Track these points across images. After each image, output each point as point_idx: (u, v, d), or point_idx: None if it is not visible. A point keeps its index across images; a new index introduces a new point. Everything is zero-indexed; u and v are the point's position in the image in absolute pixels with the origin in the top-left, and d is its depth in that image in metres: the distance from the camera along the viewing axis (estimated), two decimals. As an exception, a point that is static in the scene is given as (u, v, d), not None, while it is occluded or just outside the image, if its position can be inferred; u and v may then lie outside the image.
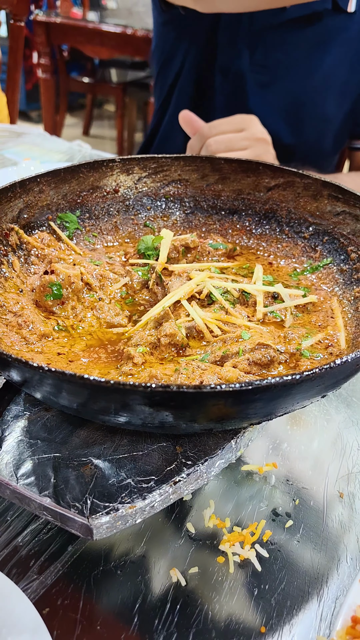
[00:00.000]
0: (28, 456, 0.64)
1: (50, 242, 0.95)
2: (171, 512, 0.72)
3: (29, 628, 0.55)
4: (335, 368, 0.55)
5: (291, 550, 0.69)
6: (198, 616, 0.61)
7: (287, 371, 0.75)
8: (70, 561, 0.66)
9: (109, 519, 0.58)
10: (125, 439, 0.67)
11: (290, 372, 0.74)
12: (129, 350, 0.74)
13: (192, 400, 0.53)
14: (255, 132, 1.37)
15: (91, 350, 0.78)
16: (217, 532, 0.70)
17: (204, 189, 1.10)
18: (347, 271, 0.91)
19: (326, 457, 0.82)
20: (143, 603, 0.62)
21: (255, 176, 1.06)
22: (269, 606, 0.63)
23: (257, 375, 0.73)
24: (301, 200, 1.01)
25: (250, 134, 1.35)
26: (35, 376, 0.56)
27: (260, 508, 0.74)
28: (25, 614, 0.56)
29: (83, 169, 1.01)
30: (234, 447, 0.68)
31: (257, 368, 0.74)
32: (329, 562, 0.68)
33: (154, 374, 0.69)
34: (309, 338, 0.79)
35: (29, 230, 0.94)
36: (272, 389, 0.53)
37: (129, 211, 1.08)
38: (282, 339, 0.79)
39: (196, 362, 0.71)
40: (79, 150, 2.00)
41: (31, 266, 0.91)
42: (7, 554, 0.66)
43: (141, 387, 0.51)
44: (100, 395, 0.54)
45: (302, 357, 0.76)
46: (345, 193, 0.93)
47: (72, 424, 0.68)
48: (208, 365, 0.70)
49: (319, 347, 0.79)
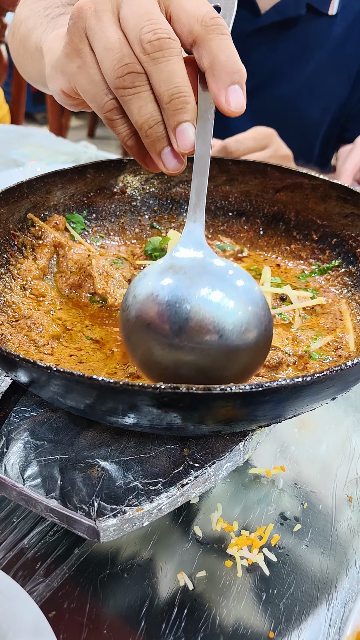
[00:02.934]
0: (34, 458, 0.64)
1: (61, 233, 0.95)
2: (178, 515, 0.71)
3: (35, 631, 0.55)
4: (346, 370, 0.55)
5: (300, 554, 0.68)
6: (206, 621, 0.60)
7: (295, 373, 0.74)
8: (76, 564, 0.65)
9: (116, 522, 0.57)
10: (132, 441, 0.66)
11: (300, 374, 0.73)
12: None
13: (201, 402, 0.52)
14: (278, 148, 1.36)
15: (104, 350, 0.77)
16: (224, 535, 0.69)
17: (211, 190, 1.09)
18: (356, 273, 0.91)
19: (334, 460, 0.81)
20: (150, 607, 0.61)
21: (263, 177, 1.05)
22: (277, 611, 0.62)
23: (265, 377, 0.73)
24: (309, 202, 1.01)
25: (274, 150, 1.35)
26: (42, 377, 0.55)
27: (268, 512, 0.73)
28: (32, 617, 0.56)
29: (90, 169, 1.01)
30: (242, 449, 0.67)
31: (266, 370, 0.73)
32: (338, 566, 0.67)
33: None
34: (317, 340, 0.78)
35: (36, 231, 0.93)
36: (282, 390, 0.52)
37: (136, 212, 1.07)
38: (291, 341, 0.78)
39: None
40: (85, 151, 2.00)
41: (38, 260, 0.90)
42: (13, 556, 0.65)
43: (150, 388, 0.50)
44: (108, 396, 0.54)
45: (311, 359, 0.75)
46: (354, 195, 0.92)
47: (78, 425, 0.68)
48: None
49: (328, 350, 0.78)
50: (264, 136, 1.35)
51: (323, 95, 1.63)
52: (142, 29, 0.58)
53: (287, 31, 1.55)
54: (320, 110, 1.65)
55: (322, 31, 1.56)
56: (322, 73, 1.60)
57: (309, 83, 1.61)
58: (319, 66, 1.59)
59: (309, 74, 1.60)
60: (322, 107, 1.65)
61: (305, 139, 1.70)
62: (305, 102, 1.63)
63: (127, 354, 0.76)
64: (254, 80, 1.61)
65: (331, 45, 1.58)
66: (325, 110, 1.65)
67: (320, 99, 1.64)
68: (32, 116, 6.21)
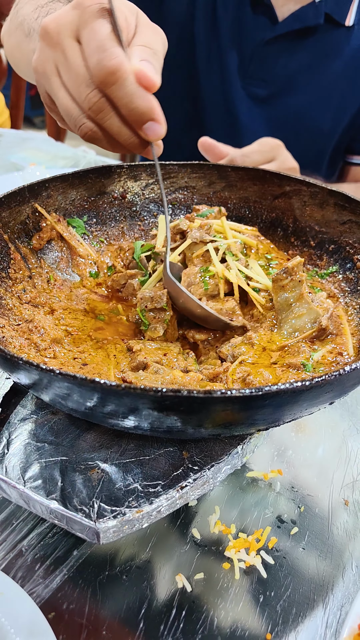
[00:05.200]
0: (35, 459, 0.64)
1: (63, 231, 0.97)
2: (176, 518, 0.72)
3: (34, 632, 0.55)
4: (344, 375, 0.56)
5: (296, 557, 0.69)
6: (204, 622, 0.61)
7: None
8: (75, 565, 0.66)
9: (116, 523, 0.58)
10: (132, 444, 0.67)
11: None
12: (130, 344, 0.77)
13: (201, 405, 0.53)
14: (285, 160, 1.36)
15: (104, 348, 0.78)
16: (222, 538, 0.70)
17: (210, 196, 1.11)
18: (353, 279, 0.92)
19: (331, 464, 0.82)
20: (149, 608, 0.62)
21: (261, 184, 1.07)
22: (274, 613, 0.63)
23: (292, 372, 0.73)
24: (307, 209, 1.02)
25: (281, 162, 1.35)
26: (44, 379, 0.56)
27: (265, 515, 0.74)
28: (32, 617, 0.56)
29: (91, 174, 1.02)
30: (240, 453, 0.68)
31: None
32: (334, 569, 0.68)
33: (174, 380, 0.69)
34: (317, 351, 0.79)
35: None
36: (281, 395, 0.53)
37: (136, 217, 1.08)
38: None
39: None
40: (84, 156, 2.01)
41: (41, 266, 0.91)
42: (13, 557, 0.65)
43: (152, 391, 0.51)
44: (110, 398, 0.54)
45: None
46: (352, 202, 0.94)
47: (79, 427, 0.68)
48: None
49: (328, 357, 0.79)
50: (271, 148, 1.35)
51: (336, 106, 1.64)
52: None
53: (305, 40, 1.57)
54: (333, 121, 1.66)
55: (339, 42, 1.58)
56: (337, 84, 1.61)
57: (324, 93, 1.62)
58: (335, 77, 1.60)
59: (324, 84, 1.61)
60: (335, 117, 1.66)
61: (317, 149, 1.71)
62: (319, 112, 1.64)
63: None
64: (270, 88, 1.63)
65: (347, 56, 1.59)
66: (337, 120, 1.67)
67: (334, 109, 1.65)
68: (30, 120, 6.21)
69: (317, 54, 1.59)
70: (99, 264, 1.00)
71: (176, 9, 1.58)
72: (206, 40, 1.60)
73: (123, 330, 0.86)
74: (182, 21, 1.59)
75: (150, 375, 0.71)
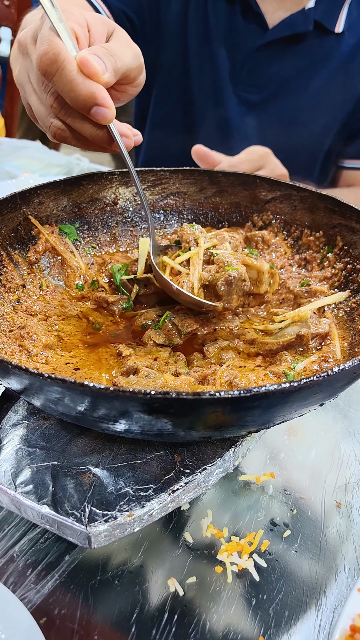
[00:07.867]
0: (26, 464, 0.64)
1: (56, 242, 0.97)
2: (169, 522, 0.72)
3: (26, 637, 0.55)
4: (332, 376, 0.56)
5: (289, 560, 0.69)
6: (196, 626, 0.61)
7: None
8: (67, 571, 0.65)
9: (108, 527, 0.58)
10: (123, 448, 0.67)
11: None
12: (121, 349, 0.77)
13: (191, 407, 0.53)
14: (274, 168, 1.38)
15: (96, 353, 0.79)
16: (214, 541, 0.70)
17: (202, 202, 1.11)
18: (343, 282, 0.92)
19: (323, 467, 0.82)
20: (141, 613, 0.62)
21: (252, 189, 1.07)
22: (267, 616, 0.63)
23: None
24: (298, 213, 1.03)
25: (270, 170, 1.36)
26: (34, 383, 0.56)
27: (258, 518, 0.74)
28: (23, 623, 0.56)
29: (83, 181, 1.03)
30: (232, 456, 0.68)
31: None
32: (327, 572, 0.68)
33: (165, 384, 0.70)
34: (299, 362, 0.79)
35: (29, 242, 0.94)
36: (270, 396, 0.53)
37: (128, 223, 1.09)
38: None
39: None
40: (78, 163, 2.02)
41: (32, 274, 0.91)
42: (5, 563, 0.65)
43: (141, 394, 0.51)
44: (100, 402, 0.54)
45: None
46: (342, 206, 0.94)
47: (70, 432, 0.68)
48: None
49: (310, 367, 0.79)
50: (259, 157, 1.36)
51: (328, 111, 1.66)
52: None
53: (295, 46, 1.59)
54: (324, 126, 1.68)
55: (329, 48, 1.60)
56: (328, 89, 1.63)
57: (315, 98, 1.64)
58: (326, 82, 1.62)
59: (315, 89, 1.63)
60: (326, 122, 1.68)
61: (309, 154, 1.72)
62: (311, 117, 1.66)
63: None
64: (262, 94, 1.64)
65: (338, 62, 1.61)
66: (329, 125, 1.68)
67: (325, 114, 1.67)
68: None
69: (307, 60, 1.61)
70: (85, 278, 0.98)
71: (169, 19, 1.60)
72: (198, 47, 1.62)
73: (115, 334, 0.86)
74: (175, 30, 1.61)
75: (141, 379, 0.71)
